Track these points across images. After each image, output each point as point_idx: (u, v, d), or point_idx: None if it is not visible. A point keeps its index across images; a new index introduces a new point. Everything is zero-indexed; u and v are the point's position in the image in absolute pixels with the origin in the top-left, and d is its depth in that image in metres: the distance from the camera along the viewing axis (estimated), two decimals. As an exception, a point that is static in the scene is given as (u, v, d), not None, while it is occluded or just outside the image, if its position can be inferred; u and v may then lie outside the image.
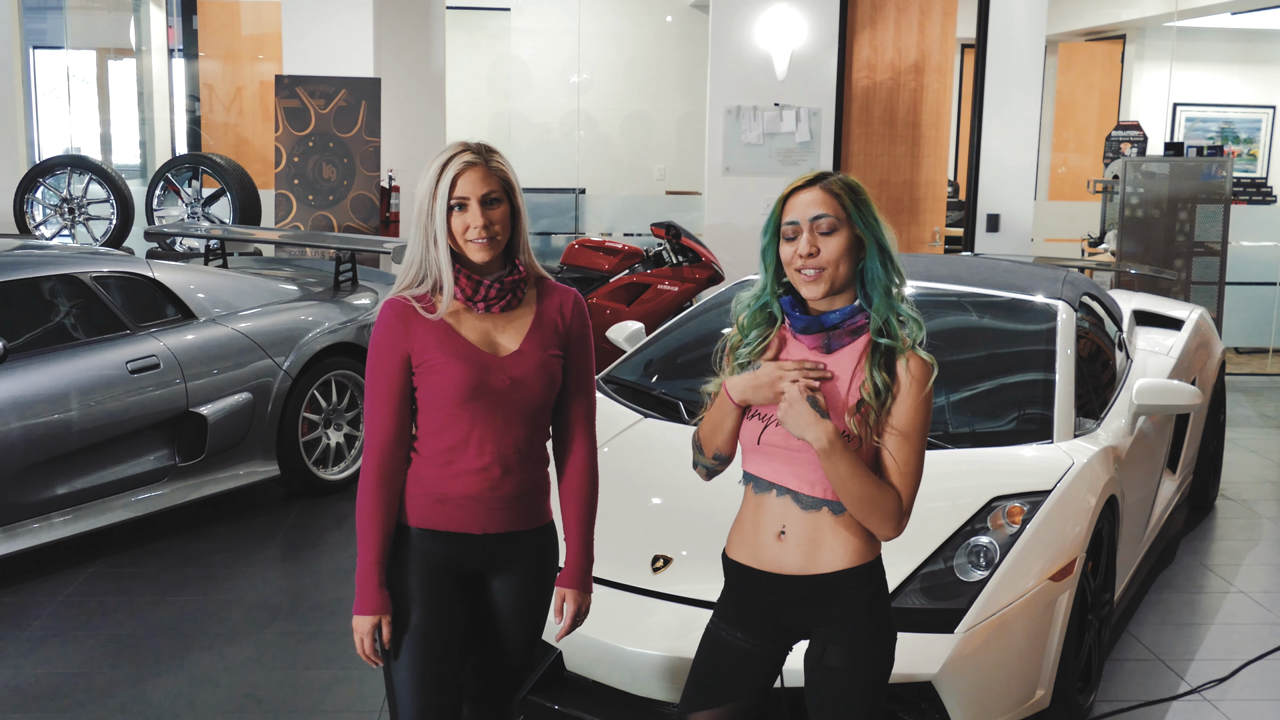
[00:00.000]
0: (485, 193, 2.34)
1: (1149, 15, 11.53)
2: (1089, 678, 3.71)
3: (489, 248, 2.35)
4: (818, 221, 2.24)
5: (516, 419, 2.40)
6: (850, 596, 2.30)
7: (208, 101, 10.52)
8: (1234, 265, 9.19)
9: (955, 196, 11.28)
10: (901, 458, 2.24)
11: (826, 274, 2.24)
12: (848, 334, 2.27)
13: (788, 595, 2.33)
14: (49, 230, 7.91)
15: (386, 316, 2.39)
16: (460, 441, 2.38)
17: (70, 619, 4.36)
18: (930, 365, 2.25)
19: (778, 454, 2.30)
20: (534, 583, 2.52)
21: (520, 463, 2.42)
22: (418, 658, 2.41)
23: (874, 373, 2.22)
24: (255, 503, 5.65)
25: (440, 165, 2.35)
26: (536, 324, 2.44)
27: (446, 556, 2.43)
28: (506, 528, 2.44)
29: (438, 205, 2.34)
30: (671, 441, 3.93)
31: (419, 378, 2.38)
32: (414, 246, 2.39)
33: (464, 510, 2.40)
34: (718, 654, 2.41)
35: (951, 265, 5.07)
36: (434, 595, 2.42)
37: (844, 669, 2.30)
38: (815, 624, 2.33)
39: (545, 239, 10.55)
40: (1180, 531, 5.47)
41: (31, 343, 4.77)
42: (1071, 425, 3.90)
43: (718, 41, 8.56)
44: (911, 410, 2.24)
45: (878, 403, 2.22)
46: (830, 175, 2.30)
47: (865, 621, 2.31)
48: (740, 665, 2.39)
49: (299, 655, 4.10)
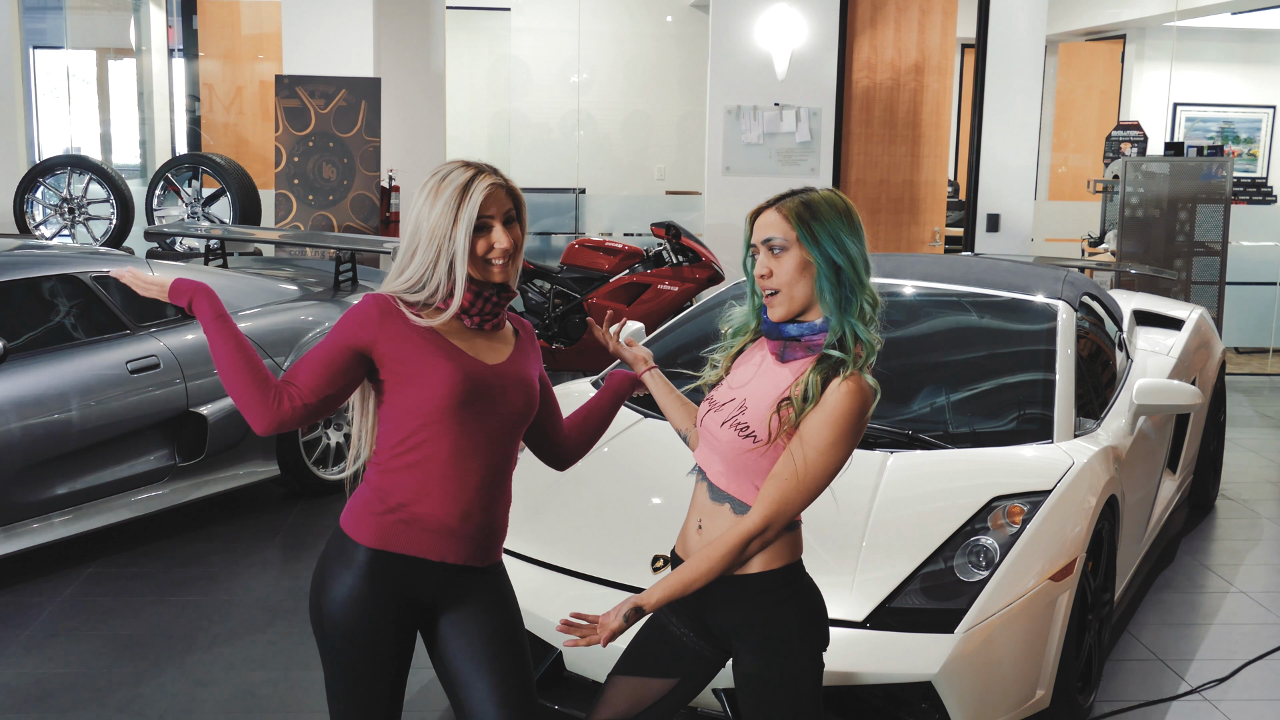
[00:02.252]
0: (506, 210, 2.32)
1: (1149, 15, 11.53)
2: (1089, 678, 3.71)
3: (509, 269, 2.33)
4: (769, 243, 2.27)
5: (499, 435, 2.34)
6: (765, 599, 2.29)
7: (208, 101, 10.52)
8: (1234, 265, 9.19)
9: (955, 196, 11.28)
10: (789, 467, 2.21)
11: (783, 295, 2.27)
12: (804, 349, 2.28)
13: (705, 594, 2.32)
14: (49, 230, 7.91)
15: (366, 304, 2.29)
16: (441, 457, 2.29)
17: (70, 619, 4.36)
18: (865, 393, 2.21)
19: (705, 439, 2.37)
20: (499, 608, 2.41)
21: (493, 490, 2.35)
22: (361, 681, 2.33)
23: (811, 376, 2.22)
24: (255, 503, 5.65)
25: (461, 187, 2.27)
26: (519, 346, 2.43)
27: (401, 582, 2.32)
28: (466, 561, 2.35)
29: (460, 229, 2.25)
30: (671, 441, 3.90)
31: (390, 384, 2.30)
32: (420, 263, 2.29)
33: (430, 535, 2.30)
34: (654, 632, 2.47)
35: (951, 265, 5.07)
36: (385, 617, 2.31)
37: (757, 674, 2.29)
38: (732, 626, 2.32)
39: (545, 239, 10.55)
40: (1180, 531, 5.47)
41: (31, 343, 4.78)
42: (1071, 425, 3.90)
43: (718, 41, 8.56)
44: (819, 421, 2.20)
45: (800, 404, 2.21)
46: (794, 194, 2.30)
47: (781, 626, 2.28)
48: (669, 647, 2.43)
49: (299, 655, 4.10)
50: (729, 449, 2.28)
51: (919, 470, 3.59)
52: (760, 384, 2.30)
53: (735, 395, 2.32)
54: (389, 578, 2.31)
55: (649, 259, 8.14)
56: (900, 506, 3.45)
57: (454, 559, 2.34)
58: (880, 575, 3.20)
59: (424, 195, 2.31)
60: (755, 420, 2.25)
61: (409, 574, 2.32)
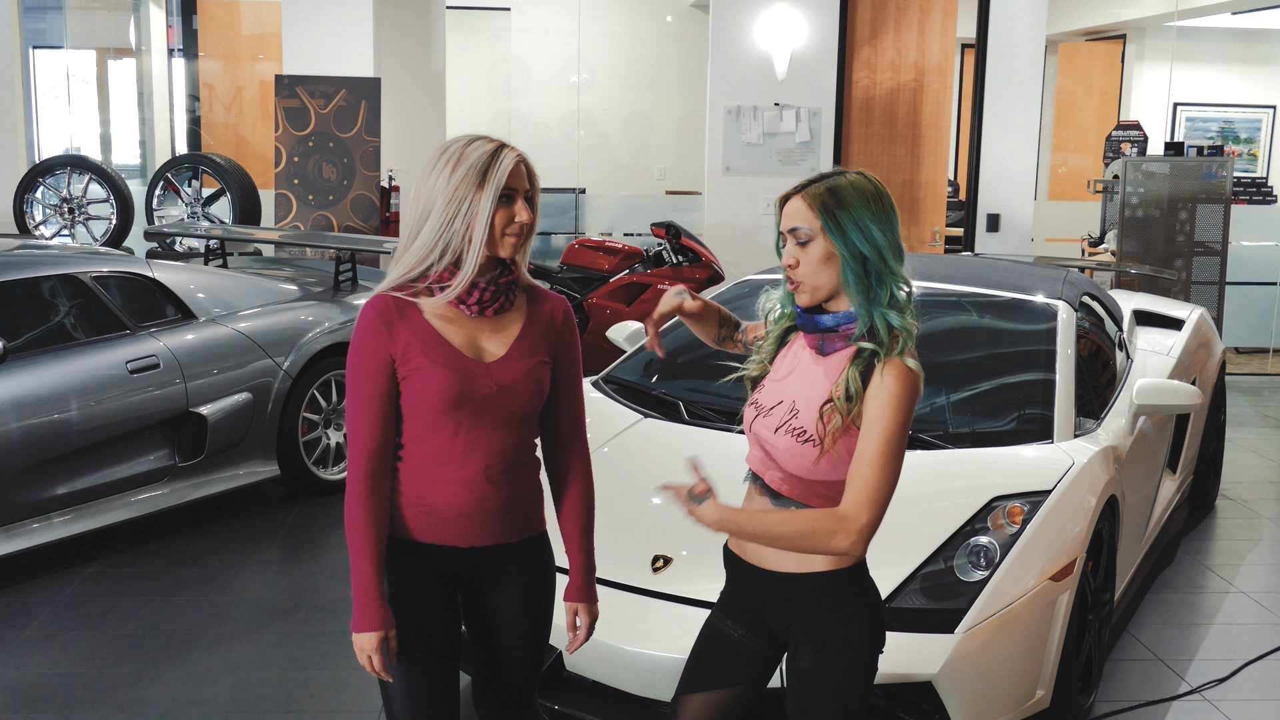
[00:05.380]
0: (527, 189, 2.31)
1: (1149, 15, 11.54)
2: (1089, 678, 3.71)
3: (520, 244, 2.30)
4: (795, 233, 2.24)
5: (503, 426, 2.33)
6: (826, 599, 2.27)
7: (208, 101, 10.52)
8: (1234, 265, 9.19)
9: (955, 196, 11.28)
10: (861, 461, 2.18)
11: (806, 285, 2.24)
12: (841, 339, 2.25)
13: (766, 590, 2.32)
14: (49, 230, 7.91)
15: (368, 317, 2.30)
16: (445, 450, 2.30)
17: (70, 619, 4.36)
18: (911, 373, 2.19)
19: (757, 443, 2.33)
20: (530, 595, 2.45)
21: (507, 473, 2.34)
22: (412, 671, 2.36)
23: (851, 372, 2.20)
24: (255, 503, 5.65)
25: (489, 155, 2.24)
26: (526, 330, 2.37)
27: (435, 569, 2.37)
28: (495, 540, 2.37)
29: (485, 194, 2.22)
30: (671, 441, 3.93)
31: (403, 382, 2.29)
32: (430, 233, 2.25)
33: (451, 523, 2.33)
34: (712, 640, 2.43)
35: (951, 265, 5.07)
36: (425, 606, 2.36)
37: (813, 672, 2.28)
38: (791, 623, 2.31)
39: (545, 239, 10.56)
40: (1180, 531, 5.47)
41: (31, 343, 4.77)
42: (1072, 425, 3.90)
43: (718, 41, 8.56)
44: (877, 412, 2.17)
45: (845, 405, 2.19)
46: (821, 179, 2.26)
47: (844, 627, 2.26)
48: (731, 654, 2.39)
49: (299, 655, 4.10)
50: (788, 456, 2.25)
51: (919, 470, 3.58)
52: (804, 384, 2.27)
53: (782, 398, 2.29)
54: (421, 567, 2.36)
55: (649, 259, 8.14)
56: (900, 506, 3.41)
57: (482, 541, 2.37)
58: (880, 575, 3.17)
59: (439, 166, 2.26)
60: (810, 424, 2.23)
61: (444, 561, 2.37)
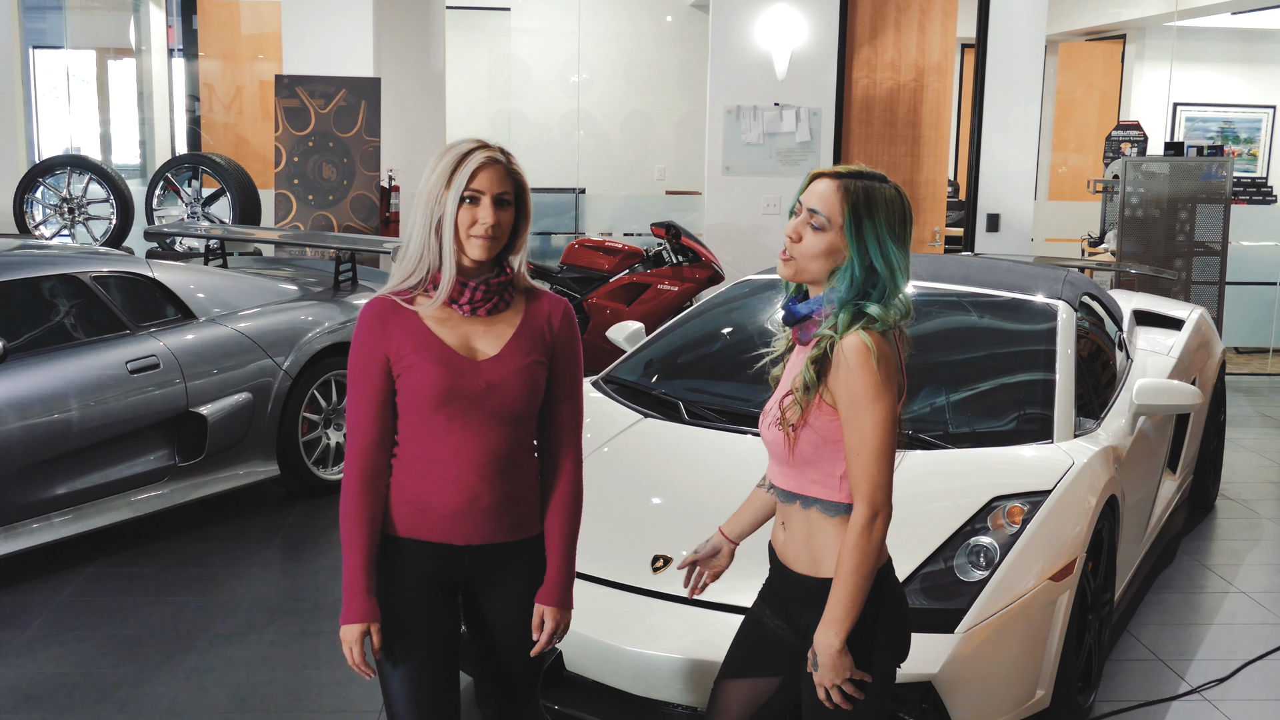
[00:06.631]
0: (500, 192, 2.31)
1: (1149, 15, 11.54)
2: (1089, 678, 3.71)
3: (489, 247, 2.31)
4: (814, 215, 2.21)
5: (495, 425, 2.34)
6: None
7: (208, 101, 10.52)
8: (1234, 265, 9.19)
9: (955, 196, 11.28)
10: (851, 443, 2.18)
11: (795, 263, 2.24)
12: (814, 325, 2.25)
13: (793, 590, 2.33)
14: (49, 230, 7.91)
15: (365, 317, 2.35)
16: (437, 446, 2.33)
17: (70, 619, 4.36)
18: (863, 342, 2.14)
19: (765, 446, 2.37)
20: (529, 595, 2.45)
21: (501, 472, 2.36)
22: (411, 668, 2.38)
23: (809, 364, 2.21)
24: (255, 503, 5.65)
25: (460, 155, 2.30)
26: (521, 330, 2.39)
27: (433, 566, 2.39)
28: (491, 539, 2.39)
29: (451, 194, 2.28)
30: (671, 441, 3.93)
31: (398, 380, 2.33)
32: (415, 237, 2.33)
33: (446, 520, 2.35)
34: (752, 629, 2.46)
35: (951, 265, 5.07)
36: (423, 604, 2.38)
37: None
38: (810, 624, 2.30)
39: (545, 239, 10.56)
40: (1180, 531, 5.47)
41: (31, 343, 4.77)
42: (1071, 425, 3.89)
43: (718, 41, 8.56)
44: (844, 389, 2.16)
45: (804, 396, 2.21)
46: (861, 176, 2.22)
47: (865, 633, 2.24)
48: (768, 644, 2.41)
49: (299, 655, 4.10)
50: (774, 448, 2.30)
51: (919, 470, 3.59)
52: (788, 376, 2.31)
53: (777, 395, 2.33)
54: (418, 564, 2.39)
55: (649, 259, 8.14)
56: (900, 506, 3.39)
57: (478, 539, 2.39)
58: (880, 575, 3.19)
59: (427, 169, 2.35)
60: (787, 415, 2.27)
61: (441, 559, 2.39)
